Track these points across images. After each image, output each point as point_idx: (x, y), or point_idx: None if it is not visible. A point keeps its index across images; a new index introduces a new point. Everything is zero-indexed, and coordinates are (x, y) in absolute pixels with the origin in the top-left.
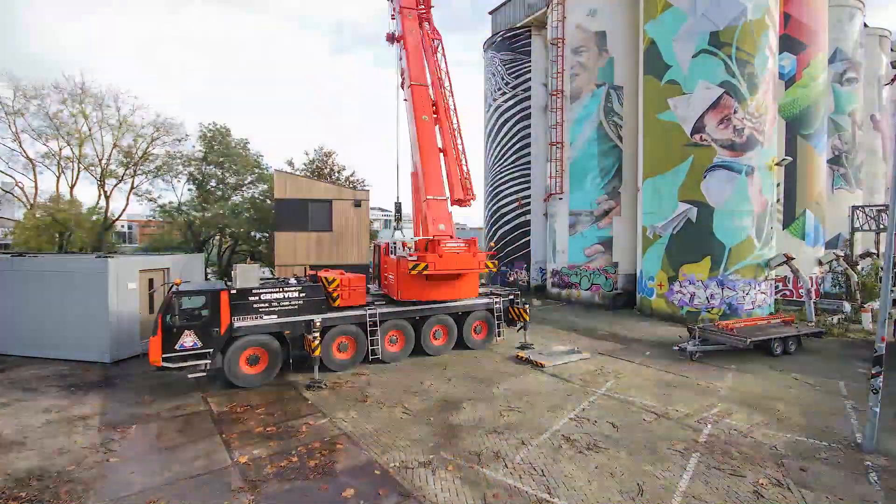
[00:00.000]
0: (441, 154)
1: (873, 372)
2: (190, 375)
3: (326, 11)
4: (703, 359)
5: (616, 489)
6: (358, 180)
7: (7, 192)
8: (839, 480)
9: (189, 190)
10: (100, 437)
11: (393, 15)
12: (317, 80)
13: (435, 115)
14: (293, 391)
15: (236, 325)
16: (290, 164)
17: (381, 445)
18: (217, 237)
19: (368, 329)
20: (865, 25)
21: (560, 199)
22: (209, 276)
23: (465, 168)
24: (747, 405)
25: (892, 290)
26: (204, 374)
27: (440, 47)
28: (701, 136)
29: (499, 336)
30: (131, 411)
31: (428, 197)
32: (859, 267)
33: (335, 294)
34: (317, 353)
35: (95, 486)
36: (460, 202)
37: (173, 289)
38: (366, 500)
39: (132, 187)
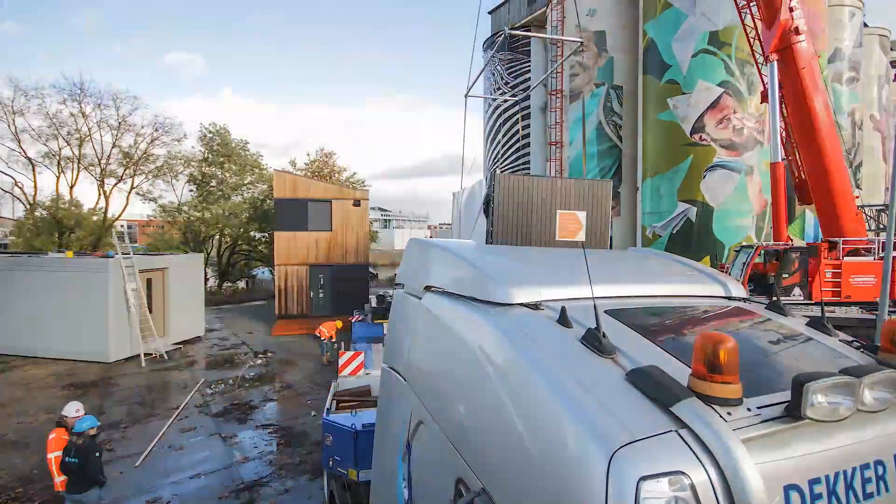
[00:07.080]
0: None
1: None
2: None
3: None
4: None
5: None
6: (357, 181)
7: (7, 191)
8: None
9: (189, 190)
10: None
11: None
12: None
13: None
14: None
15: None
16: (293, 163)
17: None
18: (216, 237)
19: None
20: (865, 25)
21: None
22: (209, 276)
23: None
24: None
25: None
26: None
27: None
28: (700, 136)
29: None
30: (131, 411)
31: None
32: None
33: None
34: None
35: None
36: None
37: None
38: None
39: (132, 187)
